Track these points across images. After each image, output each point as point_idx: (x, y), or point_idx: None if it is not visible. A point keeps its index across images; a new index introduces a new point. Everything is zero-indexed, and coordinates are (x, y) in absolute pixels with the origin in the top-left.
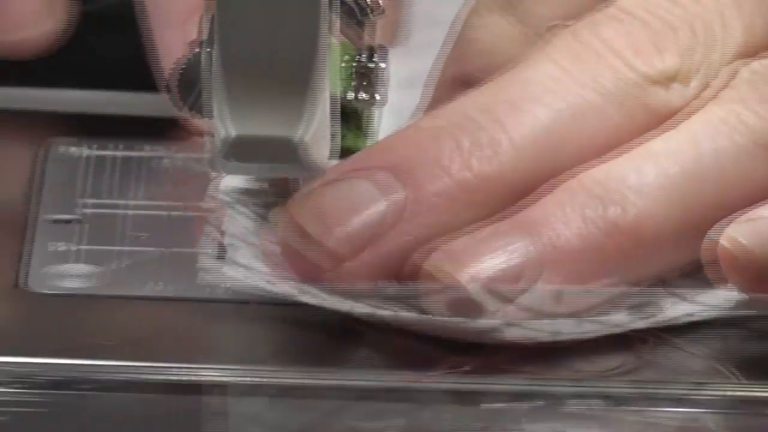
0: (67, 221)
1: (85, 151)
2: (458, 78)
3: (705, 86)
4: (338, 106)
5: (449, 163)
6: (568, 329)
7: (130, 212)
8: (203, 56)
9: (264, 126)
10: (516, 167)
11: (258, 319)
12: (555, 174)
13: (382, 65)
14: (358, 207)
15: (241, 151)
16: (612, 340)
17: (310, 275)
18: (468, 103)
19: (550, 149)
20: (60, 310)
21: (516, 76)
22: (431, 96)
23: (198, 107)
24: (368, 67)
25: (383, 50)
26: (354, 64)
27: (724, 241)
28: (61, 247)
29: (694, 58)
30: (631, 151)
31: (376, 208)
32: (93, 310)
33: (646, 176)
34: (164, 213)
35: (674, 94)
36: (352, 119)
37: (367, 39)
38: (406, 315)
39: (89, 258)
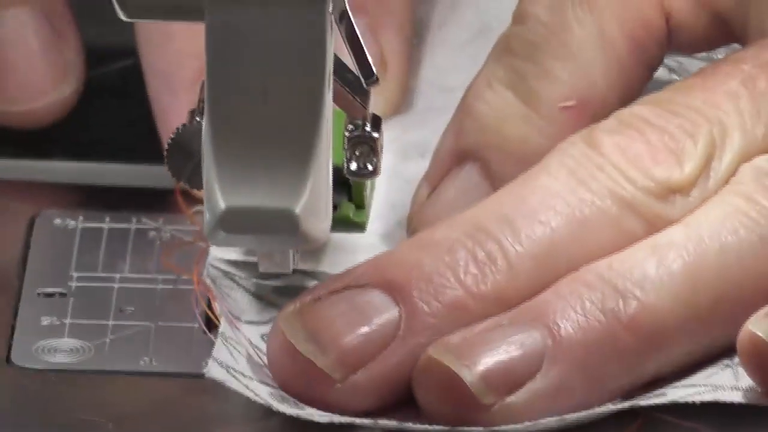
0: (55, 294)
1: (73, 223)
2: (454, 151)
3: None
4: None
5: (444, 283)
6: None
7: (118, 285)
8: (197, 125)
9: (259, 197)
10: (512, 283)
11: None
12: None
13: (375, 135)
14: (351, 327)
15: (232, 224)
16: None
17: (301, 394)
18: (466, 217)
19: (548, 265)
20: (46, 386)
21: (514, 189)
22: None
23: (194, 179)
24: (362, 137)
25: (376, 120)
26: (347, 133)
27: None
28: (49, 321)
29: (704, 163)
30: (634, 245)
31: (368, 329)
32: (80, 386)
33: (648, 270)
34: (153, 286)
35: (677, 207)
36: (344, 189)
37: (361, 108)
38: (386, 423)
39: (77, 332)
